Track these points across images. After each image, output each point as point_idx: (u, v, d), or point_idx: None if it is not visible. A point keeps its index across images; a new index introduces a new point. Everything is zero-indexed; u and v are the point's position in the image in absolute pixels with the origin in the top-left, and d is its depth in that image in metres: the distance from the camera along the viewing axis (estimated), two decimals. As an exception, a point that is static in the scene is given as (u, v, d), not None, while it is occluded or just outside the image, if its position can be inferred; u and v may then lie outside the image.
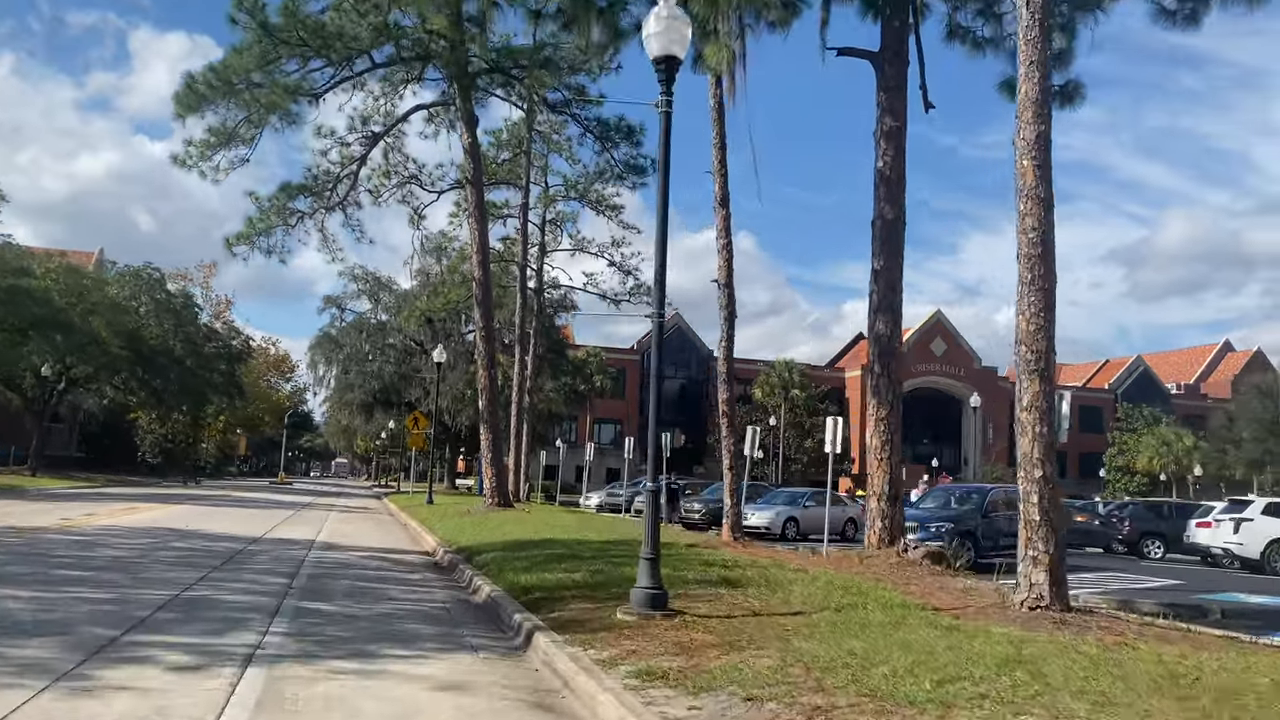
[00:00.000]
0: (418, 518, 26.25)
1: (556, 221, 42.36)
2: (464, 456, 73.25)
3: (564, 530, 19.06)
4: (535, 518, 22.86)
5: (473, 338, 56.63)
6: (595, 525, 20.87)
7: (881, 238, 13.61)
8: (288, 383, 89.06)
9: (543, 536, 17.19)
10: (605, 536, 17.30)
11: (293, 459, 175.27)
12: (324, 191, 28.06)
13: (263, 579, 11.56)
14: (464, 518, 24.07)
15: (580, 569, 11.73)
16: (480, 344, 26.37)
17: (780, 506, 28.71)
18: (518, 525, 20.56)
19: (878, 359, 13.32)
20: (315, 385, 57.61)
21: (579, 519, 23.48)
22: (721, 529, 17.88)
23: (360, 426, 59.44)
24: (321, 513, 30.24)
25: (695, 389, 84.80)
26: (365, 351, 53.68)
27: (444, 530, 20.69)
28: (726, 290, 16.33)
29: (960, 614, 8.55)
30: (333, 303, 54.81)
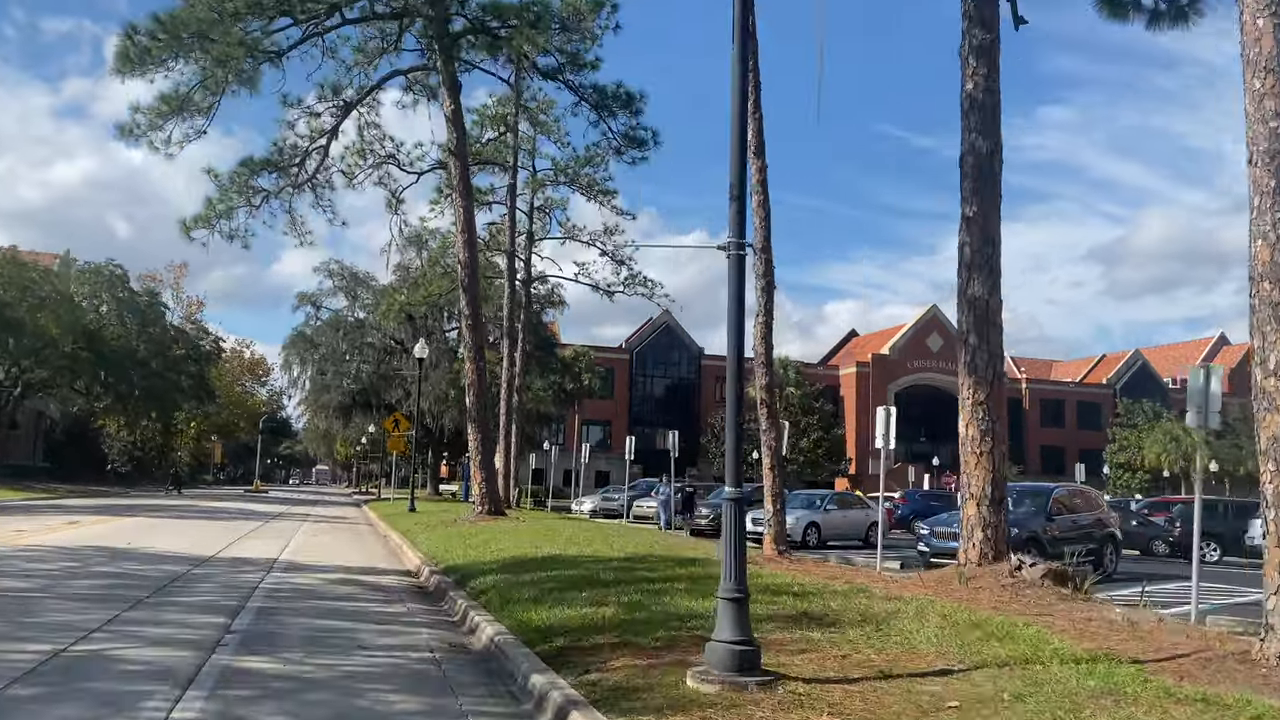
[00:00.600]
0: (399, 528, 23.50)
1: (545, 208, 39.67)
2: (447, 461, 70.38)
3: (569, 543, 16.38)
4: (532, 527, 20.16)
5: (456, 335, 53.88)
6: (603, 536, 18.20)
7: (973, 176, 10.99)
8: (263, 387, 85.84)
9: (547, 552, 14.51)
10: (622, 550, 14.63)
11: (272, 466, 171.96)
12: (291, 167, 25.28)
13: (193, 619, 8.83)
14: (451, 528, 21.35)
15: (608, 599, 9.08)
16: (466, 334, 23.66)
17: (800, 511, 26.08)
18: (513, 537, 17.85)
19: (973, 328, 10.69)
20: (290, 387, 54.68)
21: (582, 528, 20.79)
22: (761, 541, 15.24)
23: (339, 431, 56.50)
24: (293, 523, 27.44)
25: (686, 389, 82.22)
26: (342, 351, 50.81)
27: (429, 543, 17.95)
28: (764, 256, 13.70)
29: (1184, 674, 5.94)
30: (307, 300, 51.96)
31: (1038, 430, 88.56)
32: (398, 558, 17.75)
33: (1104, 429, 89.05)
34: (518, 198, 34.49)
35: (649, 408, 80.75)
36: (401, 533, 21.88)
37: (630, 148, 27.35)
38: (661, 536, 19.95)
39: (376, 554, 18.21)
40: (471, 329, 23.59)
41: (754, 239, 13.86)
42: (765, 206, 13.76)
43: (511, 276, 33.79)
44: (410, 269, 49.89)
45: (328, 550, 18.23)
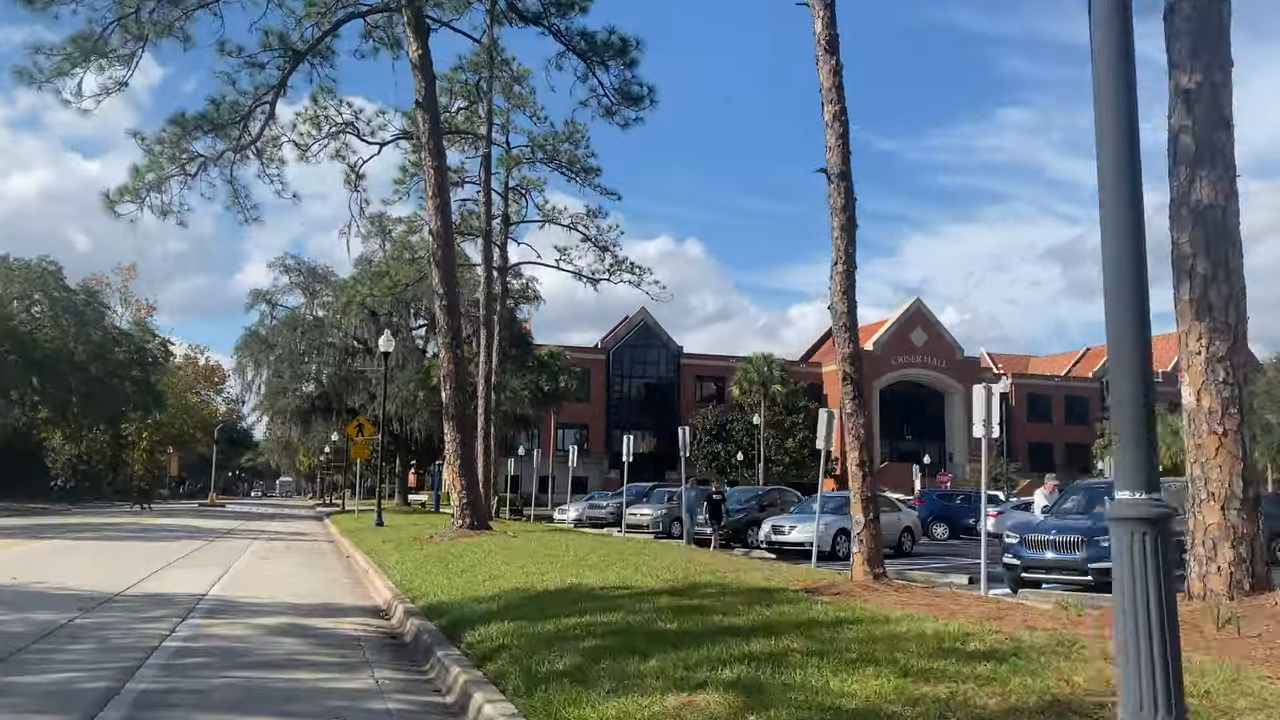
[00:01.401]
0: (365, 547, 19.92)
1: (521, 189, 36.18)
2: (416, 469, 66.49)
3: (581, 565, 12.94)
4: (525, 544, 16.67)
5: (424, 333, 50.14)
6: (618, 553, 14.77)
7: (1192, 30, 7.75)
8: (219, 395, 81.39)
9: (559, 580, 11.07)
10: (658, 577, 11.22)
11: (234, 479, 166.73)
12: (231, 126, 21.65)
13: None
14: (428, 545, 17.81)
15: (698, 671, 5.70)
16: (441, 317, 20.14)
17: (828, 516, 22.70)
18: (507, 557, 14.37)
19: (1202, 249, 7.33)
20: (244, 391, 50.59)
21: (586, 544, 17.26)
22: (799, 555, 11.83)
23: (299, 438, 52.52)
24: (242, 542, 23.76)
25: (664, 389, 78.87)
26: (300, 351, 46.90)
27: (402, 568, 14.44)
28: (843, 184, 10.35)
29: None
30: (262, 298, 47.96)
31: (1024, 426, 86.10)
32: (363, 587, 14.22)
33: (1092, 424, 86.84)
34: (491, 176, 30.95)
35: (627, 409, 77.31)
36: (368, 552, 18.32)
37: (624, 105, 23.98)
38: (688, 552, 16.54)
39: (336, 582, 14.66)
40: (447, 311, 20.07)
41: (830, 164, 10.50)
42: (843, 121, 10.40)
43: (488, 259, 30.24)
44: (373, 261, 46.17)
45: (275, 579, 14.65)
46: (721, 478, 69.42)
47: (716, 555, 16.50)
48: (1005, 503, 34.39)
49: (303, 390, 48.06)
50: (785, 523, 23.03)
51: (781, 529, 22.85)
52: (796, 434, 70.73)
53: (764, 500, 27.96)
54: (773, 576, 11.39)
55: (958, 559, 24.18)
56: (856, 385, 10.43)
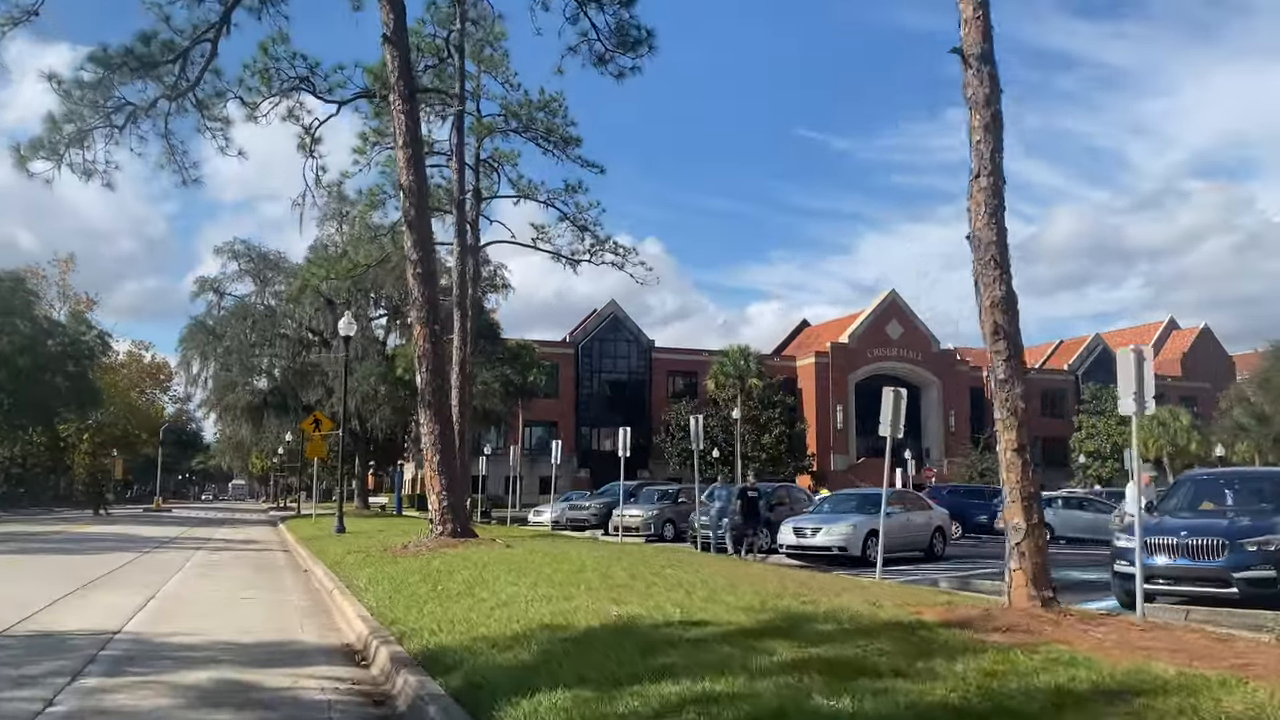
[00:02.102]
0: (327, 558, 16.87)
1: (493, 162, 33.11)
2: (375, 470, 63.03)
3: (614, 584, 10.09)
4: (528, 556, 13.71)
5: (385, 323, 46.84)
6: (649, 567, 11.89)
7: None
8: (166, 394, 77.14)
9: (603, 613, 8.20)
10: (733, 604, 8.40)
11: (184, 483, 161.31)
12: (164, 68, 18.47)
13: None
14: (404, 558, 14.80)
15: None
16: (415, 287, 17.09)
17: (855, 516, 19.99)
18: (512, 575, 11.43)
19: None
20: (189, 386, 46.86)
21: (603, 554, 14.20)
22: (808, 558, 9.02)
23: (250, 438, 48.92)
24: (181, 554, 20.57)
25: (636, 384, 75.99)
26: (251, 343, 43.34)
27: (378, 589, 11.47)
28: (984, 69, 7.56)
29: None
30: (209, 286, 44.28)
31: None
32: (327, 613, 11.23)
33: (1068, 417, 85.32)
34: (465, 141, 27.85)
35: (597, 406, 74.35)
36: (331, 566, 15.28)
37: (620, 51, 21.06)
38: (731, 565, 13.70)
39: (293, 608, 11.63)
40: (422, 281, 17.04)
41: (964, 40, 7.70)
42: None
43: (461, 233, 27.16)
44: (330, 247, 42.84)
45: (215, 605, 11.61)
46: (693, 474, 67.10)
47: (771, 568, 13.59)
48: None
49: (254, 385, 44.46)
50: (808, 525, 20.25)
51: (804, 532, 20.07)
52: (773, 429, 68.29)
53: (772, 499, 25.17)
54: (881, 600, 8.58)
55: (988, 561, 21.56)
56: (1012, 342, 7.65)
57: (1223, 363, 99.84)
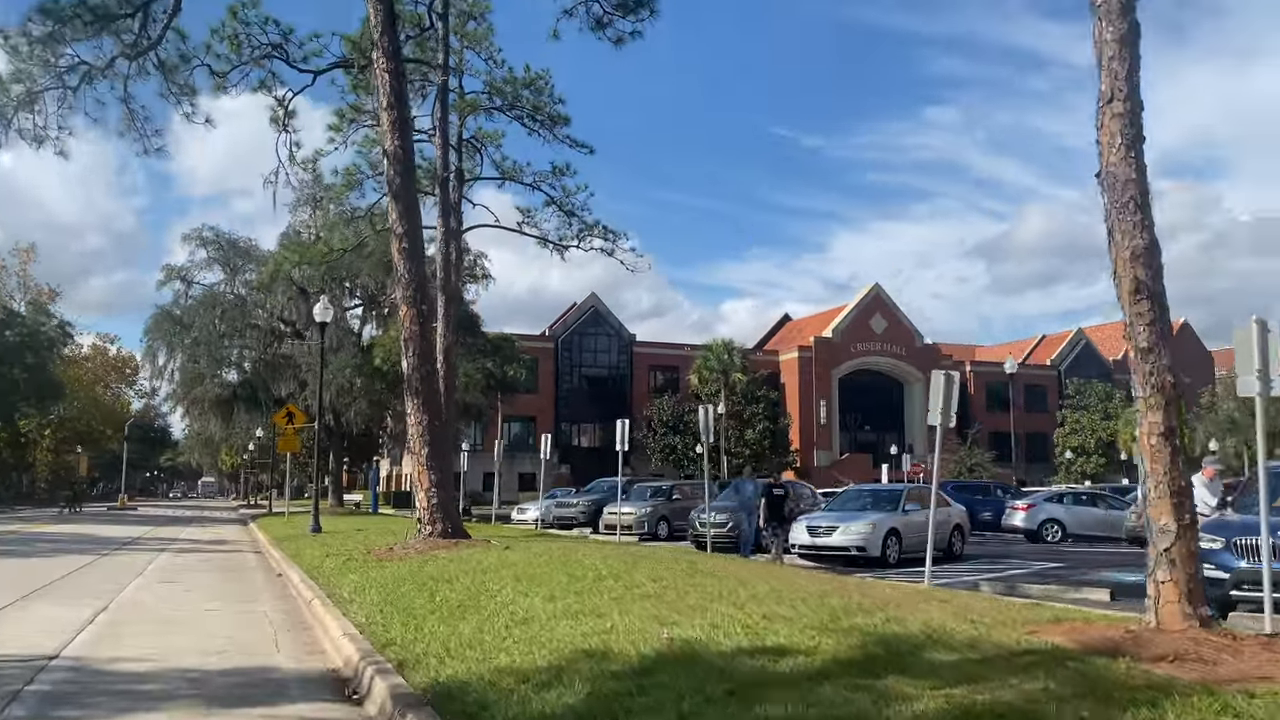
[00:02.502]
0: (303, 561, 15.30)
1: (476, 142, 31.51)
2: (349, 467, 61.23)
3: (646, 597, 8.63)
4: (533, 561, 12.18)
5: (360, 313, 45.05)
6: (681, 575, 10.42)
7: None
8: (132, 388, 74.76)
9: (652, 637, 6.75)
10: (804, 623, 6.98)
11: (152, 480, 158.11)
12: (120, 23, 16.80)
13: None
14: (390, 562, 13.26)
15: None
16: (400, 263, 15.52)
17: (872, 514, 18.58)
18: (521, 584, 9.93)
19: None
20: (154, 378, 44.84)
21: (620, 559, 12.58)
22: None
23: (220, 433, 46.99)
24: (144, 556, 18.93)
25: (616, 379, 74.41)
26: (220, 333, 41.42)
27: (366, 599, 9.97)
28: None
29: None
30: (175, 274, 42.30)
31: (984, 414, 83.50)
32: (306, 628, 9.69)
33: (1050, 412, 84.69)
34: (449, 114, 26.23)
35: (577, 401, 72.77)
36: (309, 571, 13.71)
37: (619, 14, 19.59)
38: (768, 570, 12.19)
39: (266, 621, 10.07)
40: (408, 256, 15.47)
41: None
42: None
43: (445, 213, 25.54)
44: (303, 233, 41.07)
45: (174, 618, 10.05)
46: (679, 471, 65.36)
47: (805, 573, 12.09)
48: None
49: (223, 378, 42.53)
50: (823, 523, 18.82)
51: (819, 530, 18.66)
52: (756, 424, 66.93)
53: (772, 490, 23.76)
54: (975, 616, 7.17)
55: (1011, 561, 20.30)
56: (1157, 302, 6.22)
57: (1202, 358, 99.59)
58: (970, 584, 14.25)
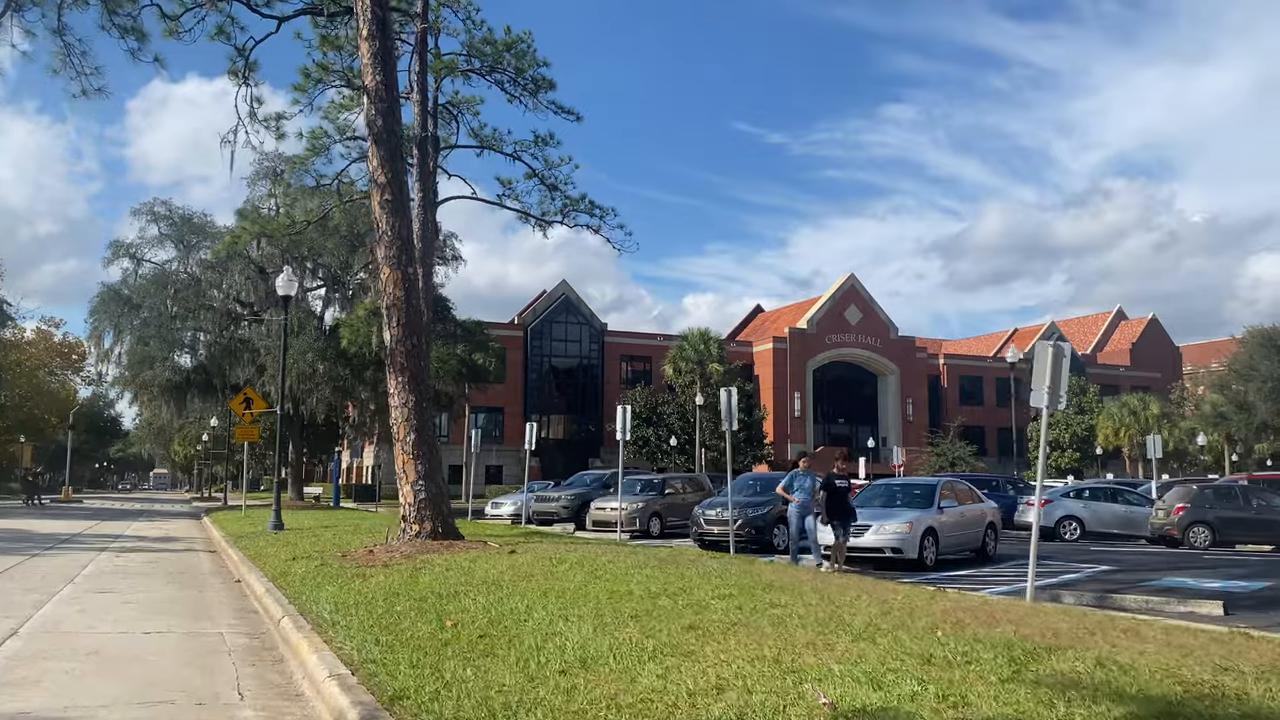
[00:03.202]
0: (267, 565, 13.02)
1: (453, 108, 29.20)
2: (307, 459, 58.51)
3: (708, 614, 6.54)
4: (552, 569, 10.05)
5: (323, 293, 42.44)
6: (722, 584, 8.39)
7: None
8: (79, 375, 71.29)
9: (791, 697, 4.65)
10: (959, 659, 4.87)
11: (102, 472, 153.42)
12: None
13: None
14: (376, 568, 11.04)
15: None
16: (382, 218, 13.28)
17: (908, 512, 16.58)
18: (552, 602, 7.83)
19: None
20: (100, 361, 41.93)
21: (654, 564, 10.51)
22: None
23: (171, 420, 44.16)
24: (81, 556, 16.54)
25: (587, 369, 72.22)
26: (172, 314, 38.69)
27: (352, 625, 7.79)
28: None
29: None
30: (124, 251, 39.45)
31: (957, 408, 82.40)
32: (277, 661, 7.51)
33: (1025, 407, 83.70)
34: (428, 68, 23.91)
35: (547, 392, 70.50)
36: (275, 579, 11.46)
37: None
38: (828, 578, 10.10)
39: (222, 653, 7.85)
40: (391, 210, 13.25)
41: None
42: None
43: (425, 175, 23.21)
44: (262, 210, 38.43)
45: (104, 646, 7.82)
46: (651, 464, 63.26)
47: (890, 585, 9.94)
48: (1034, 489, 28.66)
49: (175, 361, 39.77)
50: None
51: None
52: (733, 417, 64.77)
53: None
54: (1212, 656, 5.16)
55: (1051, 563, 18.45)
56: None
57: (1170, 353, 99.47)
58: (1050, 595, 12.34)
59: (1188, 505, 22.95)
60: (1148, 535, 24.27)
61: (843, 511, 15.16)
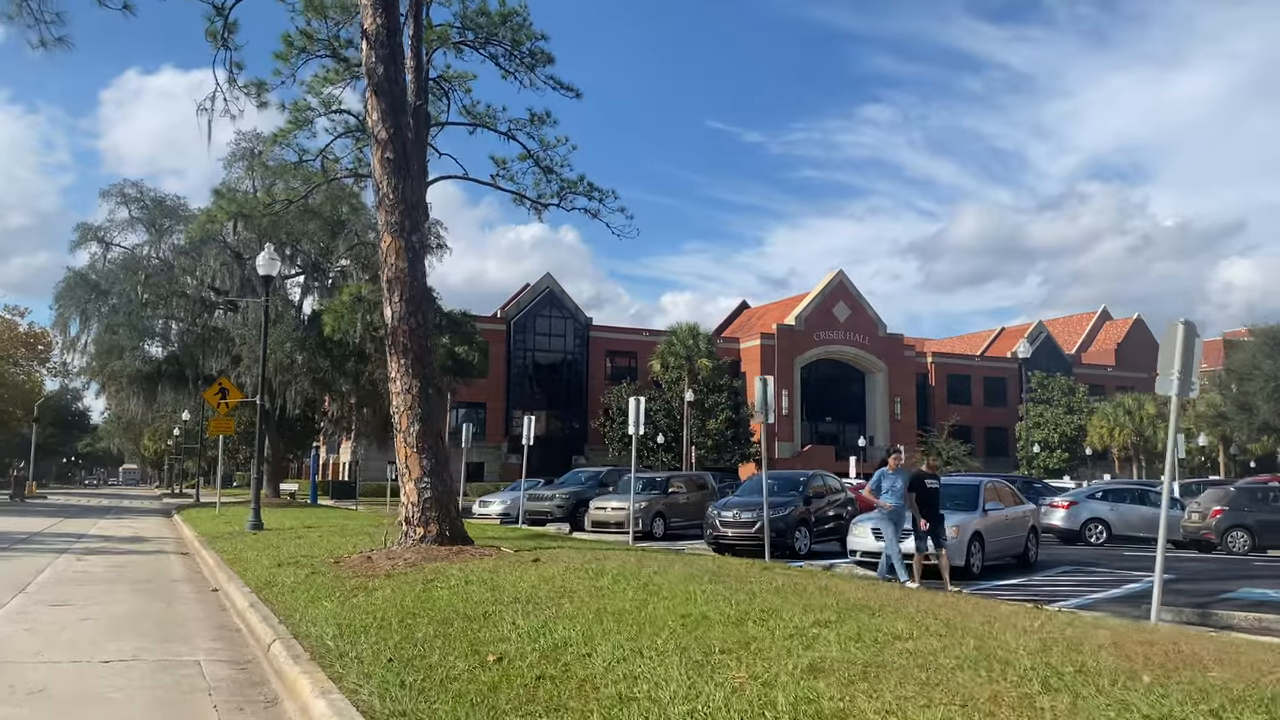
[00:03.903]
0: (249, 573, 11.40)
1: (443, 83, 27.51)
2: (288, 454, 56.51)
3: (807, 641, 5.03)
4: (591, 584, 8.53)
5: (302, 280, 40.55)
6: (820, 604, 6.92)
7: None
8: (44, 365, 68.81)
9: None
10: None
11: (69, 466, 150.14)
12: None
13: None
14: (377, 579, 9.47)
15: None
16: (384, 178, 11.70)
17: (955, 516, 14.97)
18: (615, 630, 6.31)
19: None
20: (66, 350, 39.85)
21: (700, 578, 8.97)
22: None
23: (141, 412, 42.15)
24: (39, 559, 14.84)
25: (571, 364, 70.56)
26: (143, 301, 36.73)
27: (363, 654, 6.22)
28: None
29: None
30: (92, 234, 37.45)
31: (945, 407, 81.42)
32: (272, 707, 5.92)
33: (1012, 405, 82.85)
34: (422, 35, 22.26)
35: (529, 387, 68.75)
36: (260, 590, 9.85)
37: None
38: (935, 597, 8.53)
39: (202, 694, 6.27)
40: (393, 170, 11.67)
41: None
42: None
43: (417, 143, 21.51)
44: (239, 190, 36.54)
45: (53, 685, 6.23)
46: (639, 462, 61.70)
47: (1012, 607, 8.34)
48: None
49: (145, 351, 37.79)
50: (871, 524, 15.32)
51: (880, 532, 15.20)
52: (719, 414, 63.58)
53: (808, 490, 20.34)
54: None
55: (1096, 570, 17.13)
56: None
57: (1155, 354, 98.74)
58: (1129, 610, 10.94)
59: (1226, 508, 21.70)
60: (1177, 539, 23.08)
61: (934, 517, 13.29)
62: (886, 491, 13.31)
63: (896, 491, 13.26)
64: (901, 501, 13.14)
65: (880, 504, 13.36)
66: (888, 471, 13.51)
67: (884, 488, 13.37)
